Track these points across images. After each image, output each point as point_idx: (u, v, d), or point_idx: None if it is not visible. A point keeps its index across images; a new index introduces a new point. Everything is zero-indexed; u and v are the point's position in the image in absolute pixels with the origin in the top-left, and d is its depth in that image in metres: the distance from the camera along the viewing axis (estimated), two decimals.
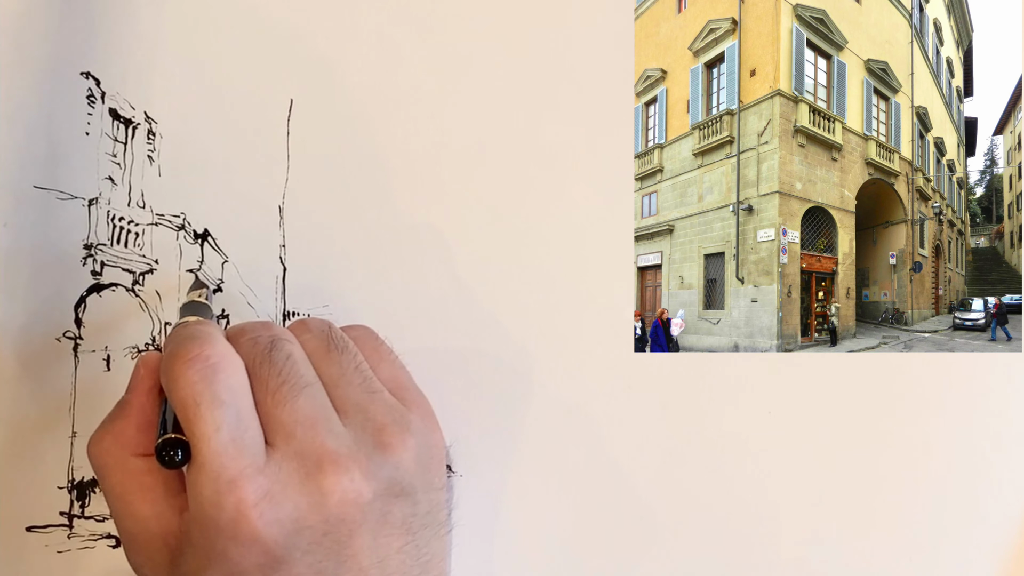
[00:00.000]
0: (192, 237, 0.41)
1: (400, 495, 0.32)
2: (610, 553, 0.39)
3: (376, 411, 0.33)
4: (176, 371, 0.31)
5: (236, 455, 0.30)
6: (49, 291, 0.40)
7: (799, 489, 0.39)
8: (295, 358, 0.33)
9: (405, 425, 0.33)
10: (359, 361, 0.34)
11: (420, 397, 0.36)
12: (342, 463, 0.31)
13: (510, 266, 0.40)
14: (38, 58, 0.40)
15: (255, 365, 0.32)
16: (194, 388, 0.30)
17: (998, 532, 0.38)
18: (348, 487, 0.30)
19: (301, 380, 0.32)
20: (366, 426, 0.32)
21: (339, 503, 0.30)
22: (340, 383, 0.33)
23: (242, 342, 0.33)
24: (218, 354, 0.31)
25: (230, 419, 0.30)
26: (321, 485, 0.30)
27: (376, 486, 0.31)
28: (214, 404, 0.30)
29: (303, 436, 0.31)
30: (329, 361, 0.34)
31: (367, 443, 0.32)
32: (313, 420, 0.31)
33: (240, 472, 0.29)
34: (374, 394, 0.34)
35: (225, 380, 0.31)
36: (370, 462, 0.31)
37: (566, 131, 0.40)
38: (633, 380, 0.39)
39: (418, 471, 0.33)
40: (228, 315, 0.40)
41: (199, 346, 0.31)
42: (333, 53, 0.41)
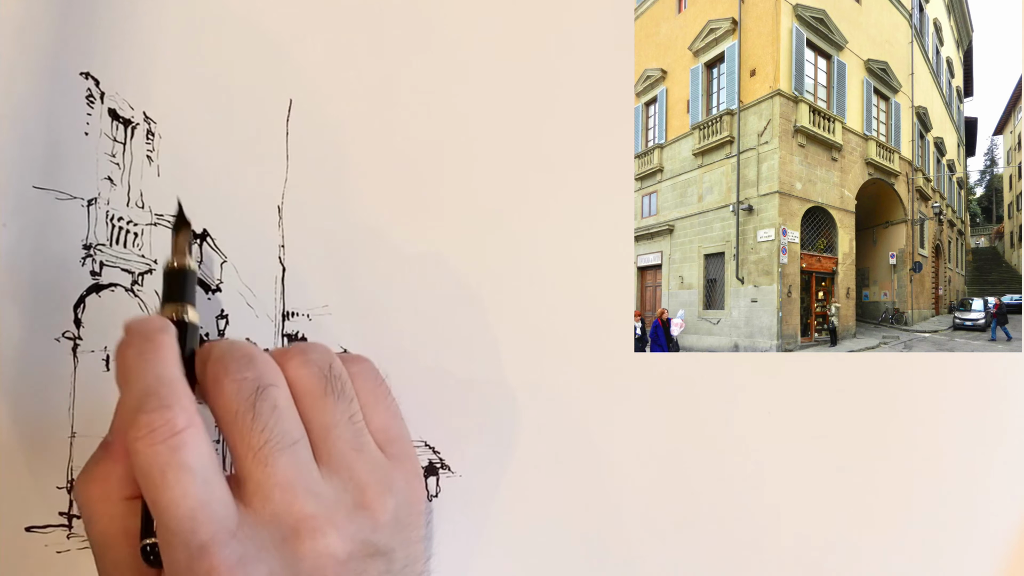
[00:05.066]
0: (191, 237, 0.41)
1: (376, 555, 0.32)
2: (610, 553, 0.39)
3: (360, 470, 0.32)
4: (138, 444, 0.29)
5: (206, 520, 0.29)
6: (49, 291, 0.40)
7: (799, 489, 0.39)
8: (280, 410, 0.31)
9: (387, 485, 0.33)
10: (353, 411, 0.34)
11: (407, 449, 0.35)
12: (318, 527, 0.30)
13: (510, 266, 0.40)
14: (38, 58, 0.40)
15: (237, 415, 0.31)
16: (159, 459, 0.29)
17: (998, 532, 0.38)
18: (323, 550, 0.30)
19: (285, 439, 0.31)
20: (348, 485, 0.32)
21: (312, 567, 0.30)
22: (330, 436, 0.32)
23: (225, 385, 0.31)
24: (183, 421, 0.29)
25: (198, 485, 0.29)
26: (296, 550, 0.30)
27: (352, 547, 0.31)
28: (180, 472, 0.29)
29: (280, 499, 0.30)
30: (323, 408, 0.33)
31: (347, 503, 0.31)
32: (293, 482, 0.30)
33: (211, 537, 0.29)
34: (361, 451, 0.33)
35: (192, 449, 0.29)
36: (349, 523, 0.31)
37: (566, 131, 0.40)
38: (633, 380, 0.39)
39: (395, 530, 0.33)
40: (227, 315, 0.40)
41: (160, 413, 0.29)
42: (333, 53, 0.41)
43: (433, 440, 0.40)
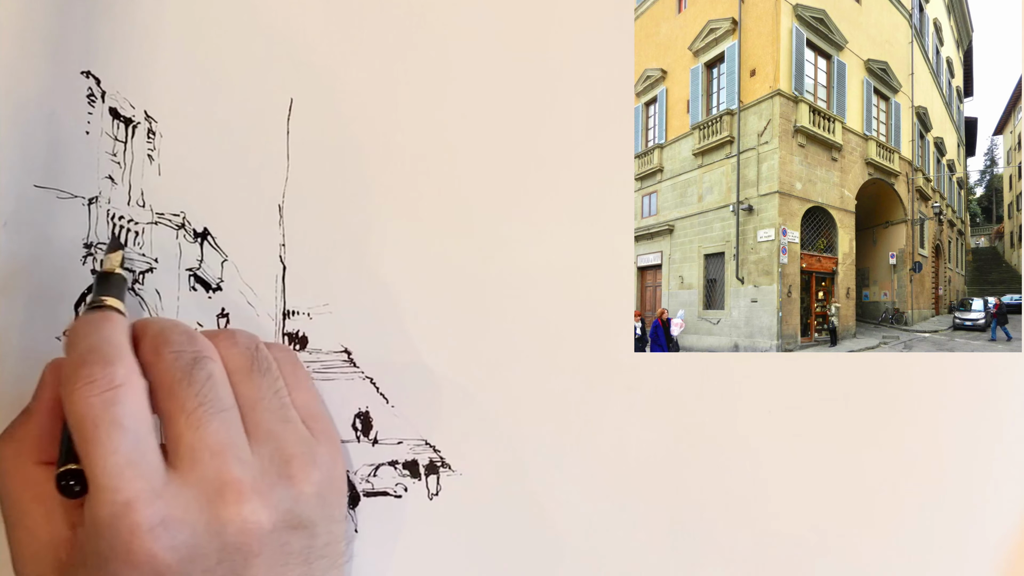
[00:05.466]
0: (192, 236, 0.41)
1: (299, 527, 0.32)
2: (610, 553, 0.39)
3: (287, 441, 0.33)
4: (75, 393, 0.30)
5: (133, 478, 0.29)
6: (49, 290, 0.40)
7: (799, 489, 0.39)
8: (215, 379, 0.32)
9: (312, 458, 0.33)
10: (279, 387, 0.34)
11: (329, 427, 0.36)
12: (244, 492, 0.31)
13: (510, 266, 0.40)
14: (38, 57, 0.40)
15: (174, 382, 0.32)
16: (93, 411, 0.29)
17: (998, 532, 0.38)
18: (248, 516, 0.30)
19: (218, 404, 0.32)
20: (274, 456, 0.32)
21: (237, 532, 0.30)
22: (257, 407, 0.33)
23: (164, 355, 0.32)
24: (121, 376, 0.30)
25: (128, 442, 0.30)
26: (220, 513, 0.30)
27: (276, 517, 0.31)
28: (112, 427, 0.29)
29: (209, 462, 0.31)
30: (250, 383, 0.34)
31: (273, 473, 0.32)
32: (222, 447, 0.31)
33: (136, 495, 0.29)
34: (288, 423, 0.34)
35: (126, 405, 0.30)
36: (273, 492, 0.31)
37: (566, 131, 0.40)
38: (633, 380, 0.39)
39: (319, 504, 0.33)
40: (228, 314, 0.40)
41: (102, 366, 0.30)
42: (333, 53, 0.41)
43: (433, 440, 0.40)
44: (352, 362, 0.40)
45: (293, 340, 0.40)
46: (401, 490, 0.40)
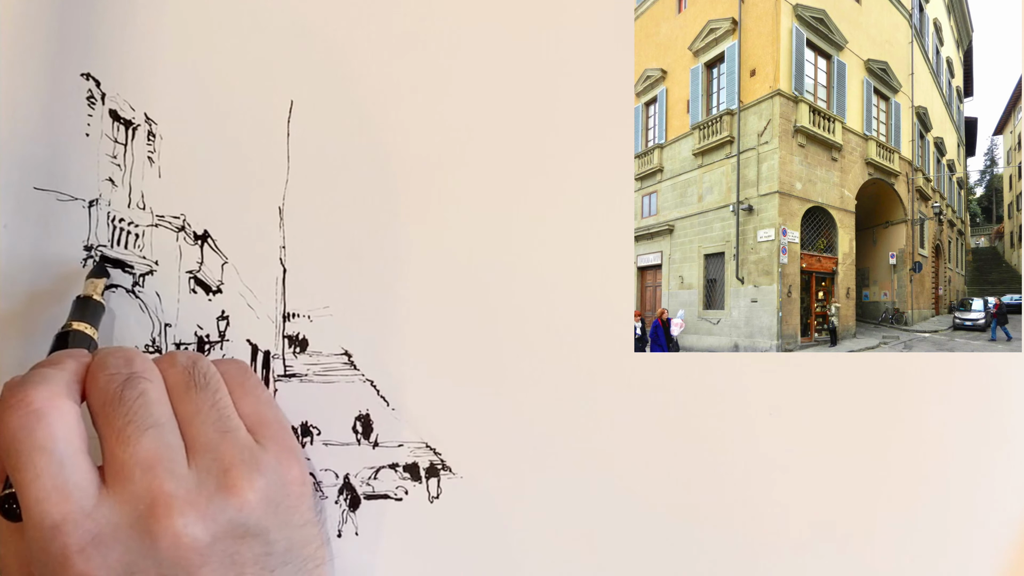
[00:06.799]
0: (192, 238, 0.41)
1: (246, 536, 0.32)
2: (609, 553, 0.39)
3: (225, 451, 0.33)
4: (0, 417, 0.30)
5: (59, 501, 0.30)
6: (49, 292, 0.40)
7: (799, 489, 0.39)
8: (147, 397, 0.32)
9: (254, 465, 0.33)
10: (218, 399, 0.34)
11: (281, 432, 0.36)
12: (175, 506, 0.30)
13: (510, 266, 0.40)
14: (38, 59, 0.40)
15: (105, 404, 0.32)
16: (14, 435, 0.30)
17: (999, 532, 0.38)
18: (180, 530, 0.30)
19: (148, 420, 0.32)
20: (212, 467, 0.32)
21: (171, 546, 0.30)
22: (194, 421, 0.33)
23: (99, 378, 0.33)
24: (42, 399, 0.31)
25: (52, 465, 0.30)
26: (152, 528, 0.30)
27: (215, 528, 0.31)
28: (34, 451, 0.30)
29: (140, 478, 0.31)
30: (187, 399, 0.34)
31: (210, 485, 0.32)
32: (153, 461, 0.31)
33: (63, 517, 0.29)
34: (227, 433, 0.33)
35: (48, 427, 0.30)
36: (210, 504, 0.31)
37: (566, 131, 0.40)
38: (633, 380, 0.39)
39: (269, 511, 0.33)
40: (228, 316, 0.41)
41: (23, 391, 0.31)
42: (333, 54, 0.41)
43: (433, 441, 0.40)
44: (352, 364, 0.40)
45: (293, 342, 0.40)
46: (402, 493, 0.40)
